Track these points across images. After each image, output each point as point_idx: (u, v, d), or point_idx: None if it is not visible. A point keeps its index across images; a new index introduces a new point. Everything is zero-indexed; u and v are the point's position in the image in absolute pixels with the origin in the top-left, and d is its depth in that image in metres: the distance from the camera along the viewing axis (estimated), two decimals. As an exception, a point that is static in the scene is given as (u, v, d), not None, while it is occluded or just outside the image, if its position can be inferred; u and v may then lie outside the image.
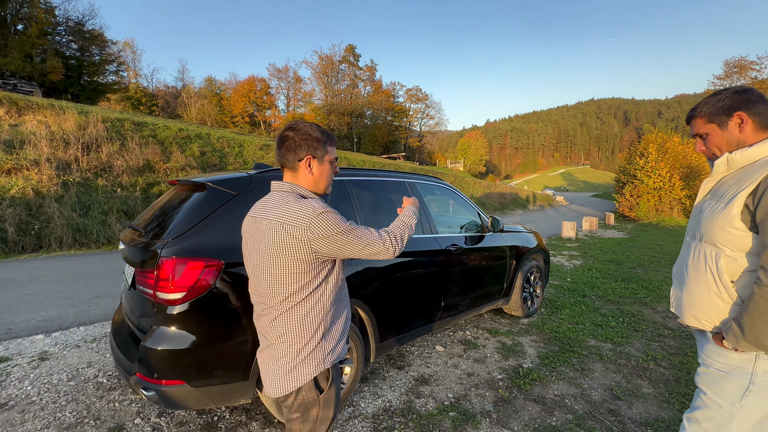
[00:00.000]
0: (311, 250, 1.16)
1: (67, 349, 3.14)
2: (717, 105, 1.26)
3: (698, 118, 1.32)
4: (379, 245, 1.22)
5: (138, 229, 2.15)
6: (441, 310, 3.04)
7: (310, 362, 1.20)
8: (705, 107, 1.30)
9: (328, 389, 1.24)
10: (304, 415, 1.22)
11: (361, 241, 1.19)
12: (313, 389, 1.21)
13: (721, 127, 1.26)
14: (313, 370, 1.20)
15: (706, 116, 1.30)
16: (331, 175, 1.34)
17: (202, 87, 53.34)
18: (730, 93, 1.25)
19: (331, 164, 1.32)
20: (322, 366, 1.22)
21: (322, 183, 1.31)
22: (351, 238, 1.18)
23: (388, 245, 1.23)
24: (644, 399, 2.54)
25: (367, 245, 1.20)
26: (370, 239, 1.21)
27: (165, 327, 1.80)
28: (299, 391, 1.20)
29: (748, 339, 1.12)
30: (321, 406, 1.23)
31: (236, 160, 13.53)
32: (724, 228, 1.19)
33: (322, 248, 1.16)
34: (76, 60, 29.48)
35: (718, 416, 1.25)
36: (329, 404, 1.25)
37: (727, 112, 1.24)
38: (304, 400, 1.21)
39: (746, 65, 30.34)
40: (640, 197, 20.90)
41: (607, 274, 6.51)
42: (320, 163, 1.28)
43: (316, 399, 1.22)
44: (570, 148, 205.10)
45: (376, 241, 1.22)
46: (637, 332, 3.74)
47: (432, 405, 2.43)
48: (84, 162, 9.46)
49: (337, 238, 1.16)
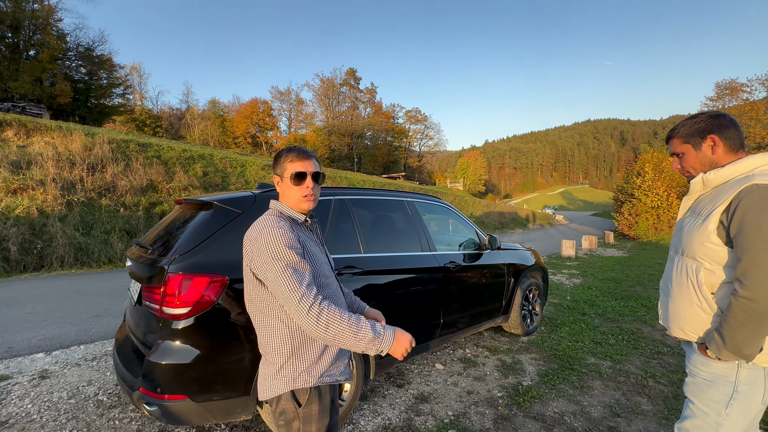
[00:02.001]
0: (251, 261, 1.18)
1: (67, 368, 3.15)
2: (693, 127, 1.37)
3: (675, 138, 1.42)
4: (302, 312, 1.09)
5: (145, 246, 2.22)
6: (440, 327, 3.07)
7: (283, 376, 1.21)
8: (682, 129, 1.40)
9: (307, 405, 1.21)
10: (287, 426, 1.23)
11: (286, 287, 1.10)
12: (291, 401, 1.21)
13: (695, 148, 1.36)
14: (286, 384, 1.20)
15: (682, 137, 1.40)
16: (298, 190, 1.26)
17: (206, 109, 54.52)
18: (705, 117, 1.36)
19: (293, 179, 1.25)
20: (294, 384, 1.20)
21: (292, 199, 1.27)
22: (279, 274, 1.11)
23: (307, 318, 1.09)
24: (643, 416, 2.54)
25: (289, 298, 1.10)
26: (294, 293, 1.09)
27: (170, 341, 1.84)
28: (279, 399, 1.22)
29: (729, 348, 1.18)
30: (301, 421, 1.22)
31: (238, 179, 13.73)
32: (702, 243, 1.27)
33: (258, 264, 1.15)
34: (84, 83, 30.31)
35: (705, 425, 1.29)
36: (310, 420, 1.22)
37: (702, 135, 1.34)
38: (284, 410, 1.22)
39: (737, 87, 31.13)
40: (638, 216, 21.03)
41: (606, 292, 6.52)
42: (282, 180, 1.29)
43: (294, 412, 1.21)
44: (568, 167, 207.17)
45: (302, 304, 1.09)
46: (636, 350, 3.74)
47: (431, 423, 2.43)
48: (89, 182, 9.61)
49: (274, 264, 1.11)
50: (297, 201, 1.27)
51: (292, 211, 1.28)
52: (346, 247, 2.50)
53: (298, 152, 1.28)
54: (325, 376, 1.25)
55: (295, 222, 1.28)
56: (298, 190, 1.26)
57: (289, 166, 1.27)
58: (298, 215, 1.28)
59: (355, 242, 2.56)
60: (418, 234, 3.06)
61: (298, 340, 1.21)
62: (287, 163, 1.27)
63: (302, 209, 1.29)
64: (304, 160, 1.28)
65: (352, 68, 60.58)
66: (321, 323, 1.08)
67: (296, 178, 1.26)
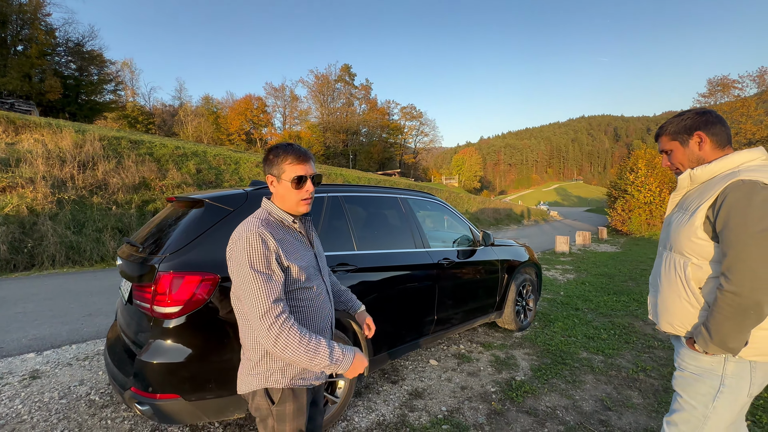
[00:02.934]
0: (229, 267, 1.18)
1: (59, 368, 3.12)
2: (680, 124, 1.38)
3: (664, 135, 1.43)
4: (263, 329, 1.09)
5: (136, 245, 2.20)
6: (434, 324, 3.08)
7: (258, 373, 1.21)
8: (670, 126, 1.41)
9: (280, 404, 1.21)
10: (263, 422, 1.24)
11: (251, 296, 1.10)
12: (265, 399, 1.21)
13: (683, 144, 1.37)
14: (259, 382, 1.21)
15: (670, 134, 1.41)
16: (298, 194, 1.24)
17: (199, 105, 53.99)
18: (692, 114, 1.37)
19: (294, 183, 1.22)
20: (267, 382, 1.20)
21: (288, 202, 1.25)
22: (247, 283, 1.10)
23: (267, 335, 1.09)
24: (634, 409, 2.57)
25: (252, 310, 1.10)
26: (257, 308, 1.09)
27: (161, 340, 1.83)
28: (254, 396, 1.23)
29: (715, 342, 1.20)
30: (275, 419, 1.22)
31: (232, 177, 13.63)
32: (689, 238, 1.28)
33: (230, 265, 1.17)
34: (74, 79, 29.88)
35: (693, 418, 1.31)
36: (284, 419, 1.22)
37: (689, 132, 1.35)
38: (258, 407, 1.23)
39: (728, 84, 31.45)
40: (631, 212, 21.20)
41: (599, 287, 6.58)
42: (278, 182, 1.24)
43: (268, 409, 1.22)
44: (563, 163, 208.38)
45: (263, 319, 1.09)
46: (628, 344, 3.78)
47: (425, 418, 2.45)
48: (80, 180, 9.49)
49: (243, 270, 1.11)
50: (295, 204, 1.25)
51: (283, 213, 1.26)
52: (340, 245, 2.50)
53: (297, 154, 1.23)
54: (298, 379, 1.24)
55: (283, 224, 1.26)
56: (297, 193, 1.24)
57: (288, 168, 1.22)
58: (288, 217, 1.26)
59: (348, 239, 2.56)
60: (411, 231, 3.06)
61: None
62: (286, 165, 1.22)
63: (299, 212, 1.28)
64: (304, 162, 1.24)
65: (347, 64, 60.33)
66: (279, 344, 1.09)
67: (297, 182, 1.23)
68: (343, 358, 1.15)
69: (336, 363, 1.14)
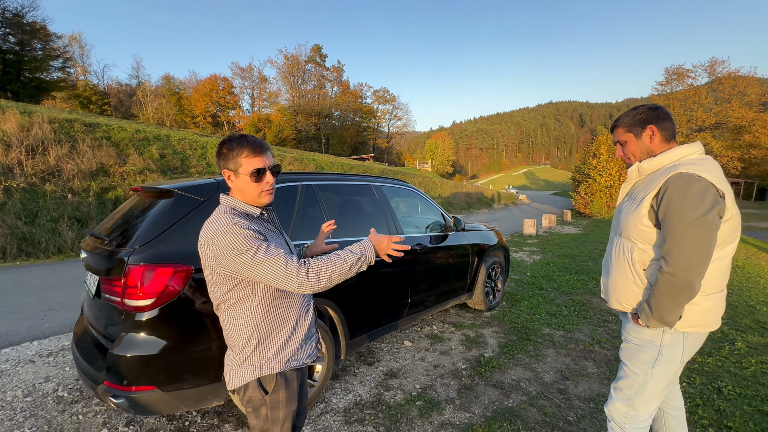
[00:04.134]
0: (218, 264, 1.17)
1: (20, 365, 2.99)
2: (635, 118, 1.49)
3: (620, 127, 1.55)
4: (292, 278, 1.12)
5: (101, 237, 2.13)
6: (408, 307, 3.20)
7: (249, 365, 1.23)
8: (626, 119, 1.53)
9: (274, 392, 1.24)
10: (255, 412, 1.26)
11: (268, 268, 1.11)
12: (258, 389, 1.23)
13: (637, 136, 1.49)
14: (252, 373, 1.22)
15: (626, 126, 1.52)
16: (258, 186, 1.22)
17: (160, 85, 50.77)
18: (645, 109, 1.49)
19: (253, 176, 1.20)
20: (260, 371, 1.22)
21: (248, 195, 1.23)
22: (257, 261, 1.11)
23: (302, 278, 1.12)
24: (589, 378, 2.82)
25: (275, 274, 1.11)
26: (278, 268, 1.11)
27: (134, 333, 1.81)
28: (246, 388, 1.24)
29: (655, 317, 1.35)
30: (269, 407, 1.24)
31: (199, 162, 13.07)
32: (636, 225, 1.41)
33: (225, 265, 1.15)
34: (15, 54, 27.16)
35: (636, 383, 1.48)
36: (278, 406, 1.25)
37: (642, 125, 1.47)
38: (251, 399, 1.24)
39: (683, 73, 33.28)
40: (593, 195, 22.32)
41: (562, 267, 6.99)
42: (236, 176, 1.22)
43: (262, 399, 1.24)
44: (531, 148, 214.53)
45: (289, 273, 1.12)
46: (585, 319, 4.09)
47: (400, 396, 2.58)
48: (29, 166, 8.79)
49: (242, 259, 1.12)
50: (256, 196, 1.24)
51: (246, 206, 1.24)
52: (314, 233, 2.52)
53: (253, 146, 1.20)
54: (291, 360, 1.28)
55: (250, 216, 1.25)
56: (257, 186, 1.22)
57: (245, 161, 1.20)
58: (254, 210, 1.25)
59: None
60: (385, 217, 3.13)
61: (264, 331, 1.23)
62: (242, 159, 1.20)
63: (262, 204, 1.26)
64: (261, 154, 1.21)
65: (318, 45, 58.43)
66: (314, 278, 1.13)
67: (256, 175, 1.21)
68: (364, 247, 1.21)
69: (362, 254, 1.19)
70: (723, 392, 2.61)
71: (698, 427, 2.23)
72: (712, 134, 32.42)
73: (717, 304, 1.39)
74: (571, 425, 2.27)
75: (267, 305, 1.23)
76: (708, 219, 1.23)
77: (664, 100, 33.71)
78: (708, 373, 2.89)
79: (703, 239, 1.24)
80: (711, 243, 1.26)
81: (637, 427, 1.50)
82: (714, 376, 2.85)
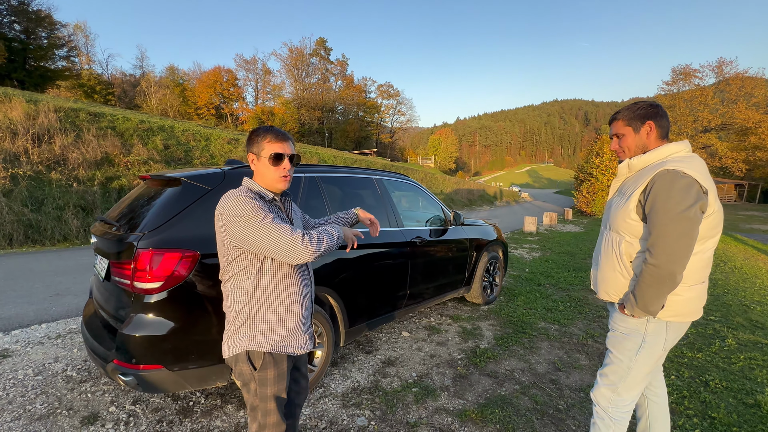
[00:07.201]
0: (226, 233, 1.26)
1: (30, 347, 3.09)
2: (636, 113, 1.55)
3: (619, 120, 1.60)
4: (297, 242, 1.21)
5: (111, 222, 2.21)
6: (406, 298, 3.28)
7: (239, 337, 1.30)
8: (626, 113, 1.58)
9: (261, 369, 1.29)
10: (246, 387, 1.32)
11: (274, 234, 1.20)
12: (246, 363, 1.29)
13: (635, 131, 1.55)
14: (241, 345, 1.29)
15: (625, 120, 1.58)
16: (275, 170, 1.32)
17: (164, 76, 50.67)
18: (646, 105, 1.54)
19: (271, 160, 1.31)
20: (249, 344, 1.28)
21: (267, 179, 1.33)
22: (264, 226, 1.20)
23: (306, 243, 1.22)
24: (580, 370, 2.90)
25: (281, 239, 1.20)
26: (285, 233, 1.20)
27: (143, 315, 1.89)
28: (237, 360, 1.31)
29: (639, 306, 1.41)
30: (257, 383, 1.30)
31: (203, 154, 13.15)
32: (625, 219, 1.48)
33: (233, 232, 1.23)
34: (20, 42, 27.16)
35: (620, 369, 1.56)
36: (265, 384, 1.30)
37: (642, 120, 1.53)
38: (242, 372, 1.31)
39: (690, 73, 32.99)
40: (595, 194, 22.30)
41: (561, 264, 7.05)
42: (258, 159, 1.33)
43: (250, 374, 1.29)
44: (535, 146, 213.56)
45: (295, 237, 1.21)
46: (581, 314, 4.17)
47: (397, 383, 2.66)
48: (35, 154, 8.89)
49: (250, 223, 1.20)
50: (273, 181, 1.34)
51: (261, 188, 1.34)
52: (316, 223, 2.60)
53: (276, 133, 1.33)
54: (280, 345, 1.33)
55: (263, 198, 1.32)
56: (275, 170, 1.33)
57: (267, 146, 1.31)
58: (267, 193, 1.33)
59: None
60: (386, 210, 3.19)
61: (255, 305, 1.31)
62: (265, 143, 1.32)
63: (277, 189, 1.36)
64: (282, 141, 1.33)
65: (323, 38, 58.05)
66: (316, 243, 1.24)
67: (275, 159, 1.31)
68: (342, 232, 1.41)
69: (340, 237, 1.37)
70: (710, 385, 2.68)
71: (683, 417, 2.30)
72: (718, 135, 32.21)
73: (698, 295, 1.45)
74: (560, 413, 2.35)
75: (262, 283, 1.31)
76: (690, 213, 1.29)
77: (670, 99, 33.47)
78: (697, 367, 2.97)
79: (685, 232, 1.31)
80: (693, 236, 1.32)
81: (621, 411, 1.58)
82: (702, 370, 2.92)
